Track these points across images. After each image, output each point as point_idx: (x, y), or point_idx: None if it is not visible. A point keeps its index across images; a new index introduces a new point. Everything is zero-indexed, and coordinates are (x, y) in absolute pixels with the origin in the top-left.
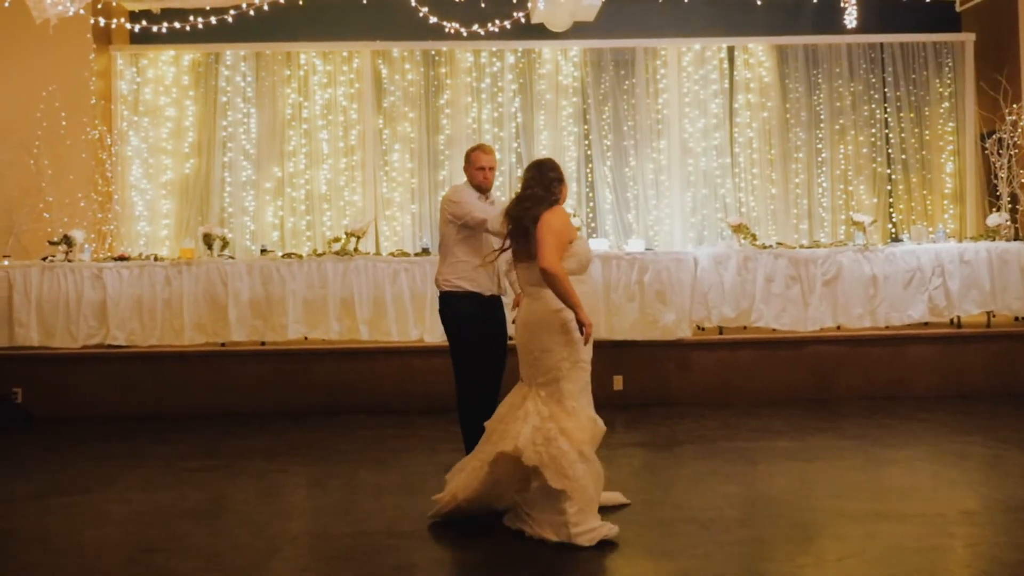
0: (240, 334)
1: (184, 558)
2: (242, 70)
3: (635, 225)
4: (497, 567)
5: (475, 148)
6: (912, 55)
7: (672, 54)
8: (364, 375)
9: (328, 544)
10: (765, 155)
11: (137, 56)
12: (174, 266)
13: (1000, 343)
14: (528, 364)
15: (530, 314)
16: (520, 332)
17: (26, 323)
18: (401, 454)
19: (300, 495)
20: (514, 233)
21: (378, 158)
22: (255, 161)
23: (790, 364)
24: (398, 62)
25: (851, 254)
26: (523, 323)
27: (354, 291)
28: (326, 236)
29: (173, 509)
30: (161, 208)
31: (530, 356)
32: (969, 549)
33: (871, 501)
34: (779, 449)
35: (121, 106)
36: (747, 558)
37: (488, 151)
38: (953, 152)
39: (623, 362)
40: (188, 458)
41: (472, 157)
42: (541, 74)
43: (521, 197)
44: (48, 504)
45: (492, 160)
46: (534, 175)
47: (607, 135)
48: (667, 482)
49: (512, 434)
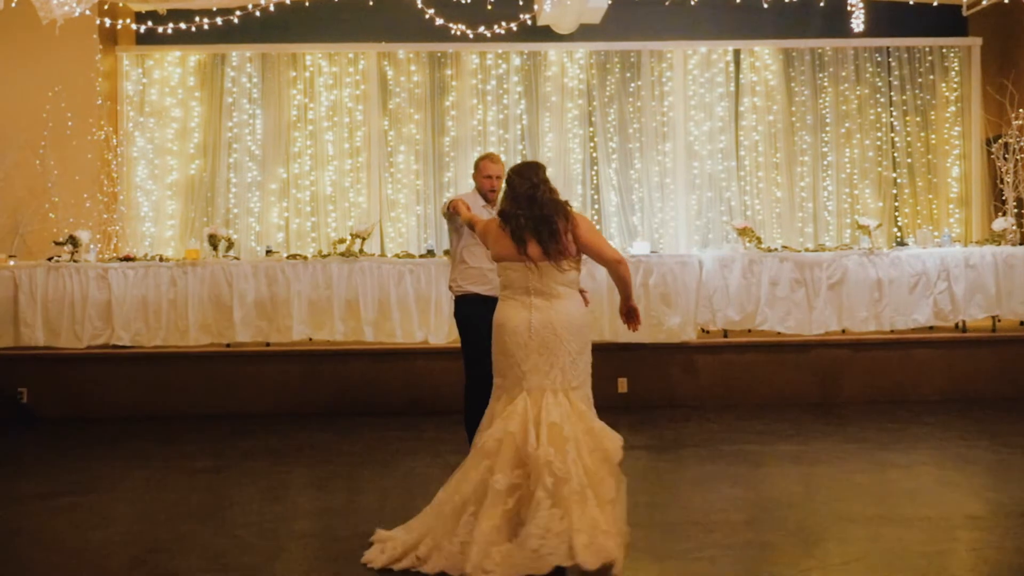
0: (245, 335)
1: (189, 558)
2: (248, 71)
3: (640, 228)
4: None
5: (484, 157)
6: (918, 59)
7: (678, 57)
8: (369, 377)
9: (333, 545)
10: (771, 158)
11: (143, 57)
12: (179, 267)
13: (1005, 347)
14: (559, 367)
15: (566, 315)
16: (554, 332)
17: (31, 323)
18: (405, 456)
19: (305, 496)
20: (535, 234)
21: (383, 159)
22: (260, 162)
23: (795, 367)
24: (404, 64)
25: (856, 258)
26: (560, 323)
27: (359, 292)
28: (331, 237)
29: (178, 509)
30: (166, 209)
31: (567, 358)
32: (974, 553)
33: (876, 505)
34: (784, 452)
35: (127, 107)
36: (752, 561)
37: (496, 160)
38: (959, 156)
39: (628, 364)
40: (193, 459)
41: (481, 166)
42: (547, 76)
43: (539, 200)
44: (53, 504)
45: (500, 169)
46: (540, 176)
47: (612, 137)
48: (672, 485)
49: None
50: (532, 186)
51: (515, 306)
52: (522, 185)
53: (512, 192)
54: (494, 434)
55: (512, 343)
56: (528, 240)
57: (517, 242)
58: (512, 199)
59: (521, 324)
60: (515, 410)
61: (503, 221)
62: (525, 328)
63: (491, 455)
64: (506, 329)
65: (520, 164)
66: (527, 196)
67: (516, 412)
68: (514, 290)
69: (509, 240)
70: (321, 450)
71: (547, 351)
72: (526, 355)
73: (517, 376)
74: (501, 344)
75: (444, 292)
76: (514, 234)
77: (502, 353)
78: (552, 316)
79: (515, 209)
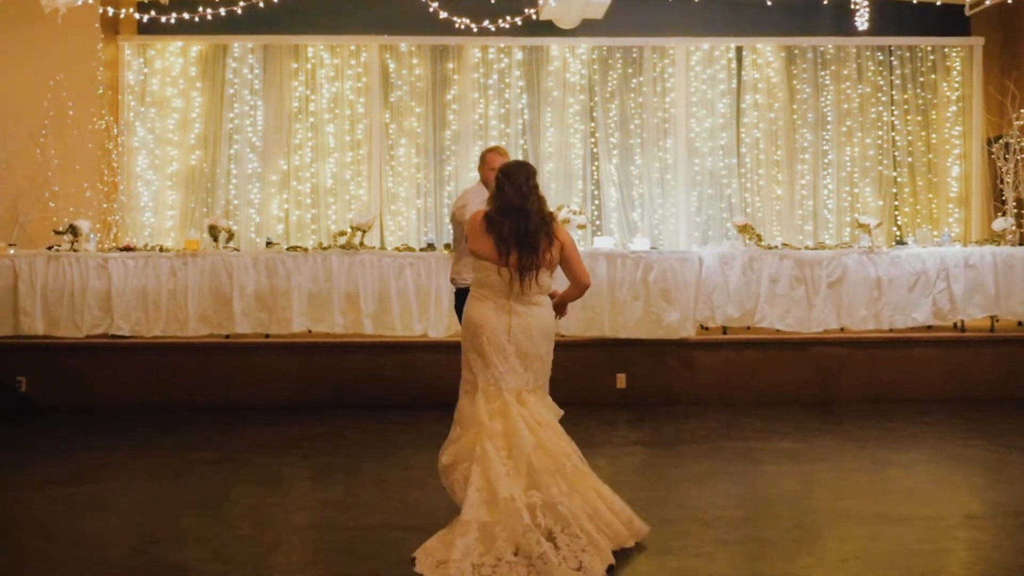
0: (245, 326)
1: (188, 549)
2: (249, 62)
3: (640, 224)
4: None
5: (490, 150)
6: (920, 58)
7: (680, 53)
8: (368, 369)
9: (332, 537)
10: (771, 156)
11: (145, 46)
12: (179, 257)
13: (1004, 348)
14: (532, 369)
15: (543, 320)
16: (531, 338)
17: (31, 312)
18: (404, 449)
19: (304, 488)
20: (518, 247)
21: (384, 152)
22: (261, 153)
23: (794, 365)
24: (406, 57)
25: (856, 256)
26: (537, 329)
27: (359, 285)
28: (331, 230)
29: (177, 500)
30: (166, 199)
31: (540, 361)
32: (971, 552)
33: (874, 503)
34: (782, 450)
35: (128, 96)
36: (750, 558)
37: (503, 153)
38: (960, 156)
39: (627, 360)
40: (192, 450)
41: (487, 158)
42: (549, 71)
43: (527, 212)
44: (52, 494)
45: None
46: (530, 184)
47: (613, 133)
48: (670, 481)
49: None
50: (521, 196)
51: (493, 308)
52: (512, 194)
53: (501, 198)
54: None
55: (489, 345)
56: (511, 251)
57: (499, 251)
58: (499, 207)
59: (500, 327)
60: (499, 410)
61: (487, 225)
62: (504, 331)
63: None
64: (484, 330)
65: (511, 166)
66: (515, 208)
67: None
68: (492, 291)
69: (492, 244)
70: (320, 442)
71: (523, 355)
72: (504, 358)
73: (493, 375)
74: (477, 344)
75: (444, 286)
76: (497, 242)
77: (477, 352)
78: (530, 322)
79: (501, 217)
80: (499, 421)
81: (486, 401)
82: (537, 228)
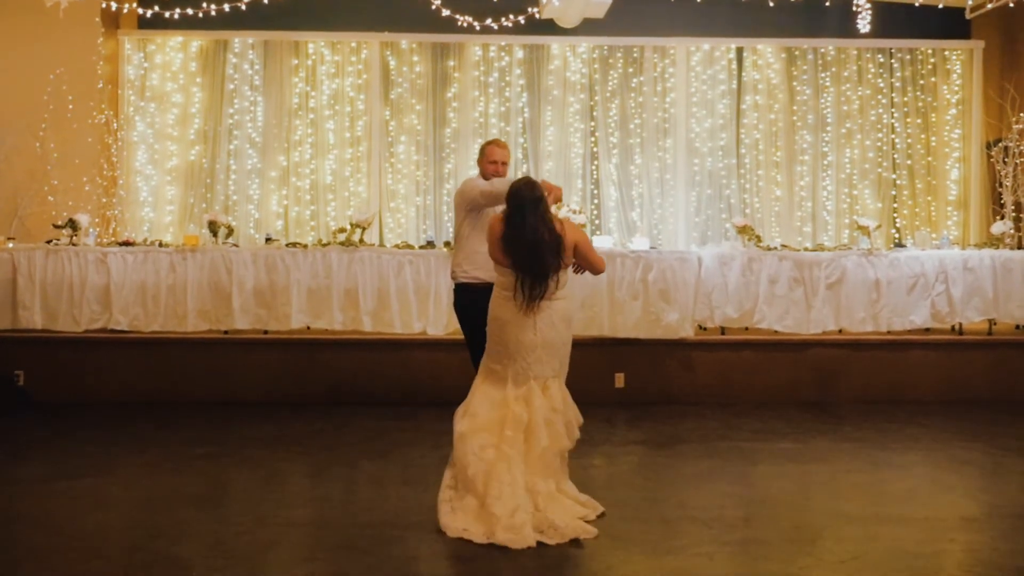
0: (243, 322)
1: (187, 544)
2: (250, 58)
3: (639, 223)
4: (499, 560)
5: (490, 142)
6: (921, 61)
7: (681, 53)
8: (367, 366)
9: (330, 534)
10: (771, 157)
11: (145, 41)
12: (179, 252)
13: (1001, 350)
14: (559, 356)
15: (564, 307)
16: (555, 327)
17: (29, 306)
18: (403, 446)
19: (302, 484)
20: (536, 275)
21: (384, 149)
22: (261, 149)
23: (792, 366)
24: (406, 54)
25: (855, 258)
26: (559, 317)
27: (358, 282)
28: (330, 226)
29: (176, 495)
30: (165, 194)
31: (565, 347)
32: (968, 554)
33: (871, 504)
34: (780, 450)
35: (128, 91)
36: (748, 558)
37: (503, 146)
38: (959, 159)
39: (625, 360)
40: (190, 445)
41: (487, 151)
42: (549, 70)
43: (540, 248)
44: (51, 488)
45: (506, 155)
46: (540, 211)
47: (613, 132)
48: (668, 481)
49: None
50: (533, 231)
51: (516, 308)
52: (525, 231)
53: (512, 230)
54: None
55: (514, 342)
56: (527, 274)
57: (517, 269)
58: (512, 238)
59: (527, 324)
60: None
61: (504, 246)
62: (531, 328)
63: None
64: (509, 328)
65: (522, 197)
66: (529, 243)
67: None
68: (514, 293)
69: (511, 260)
70: (319, 439)
71: (548, 345)
72: (531, 350)
73: (521, 367)
74: (502, 341)
75: (443, 283)
76: (512, 265)
77: (503, 346)
78: (553, 316)
79: (515, 245)
80: (523, 406)
81: (515, 387)
82: (551, 261)
